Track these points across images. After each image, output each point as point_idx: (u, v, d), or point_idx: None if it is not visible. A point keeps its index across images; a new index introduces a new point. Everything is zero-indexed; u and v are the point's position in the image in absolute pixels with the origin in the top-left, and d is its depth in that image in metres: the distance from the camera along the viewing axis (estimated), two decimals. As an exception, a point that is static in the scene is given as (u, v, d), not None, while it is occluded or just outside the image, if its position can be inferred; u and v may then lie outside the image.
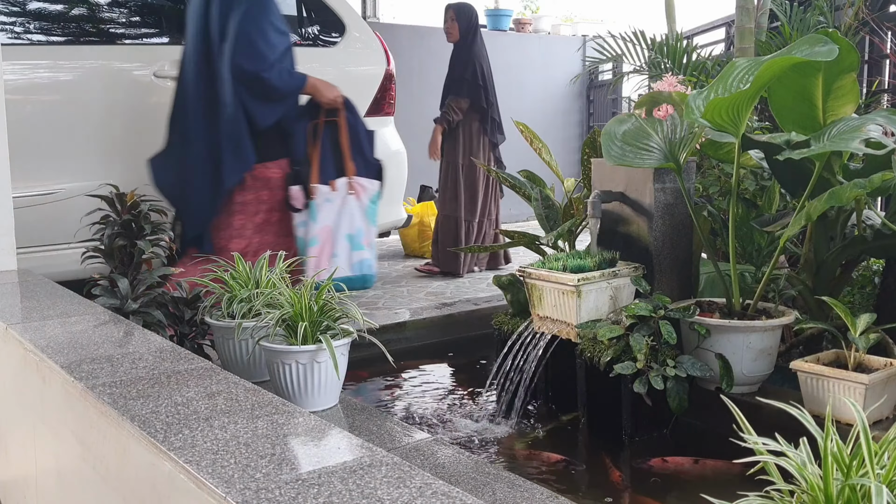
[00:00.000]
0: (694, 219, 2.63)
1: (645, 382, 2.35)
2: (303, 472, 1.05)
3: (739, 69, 2.22)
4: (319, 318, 2.15)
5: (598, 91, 8.96)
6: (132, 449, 1.25)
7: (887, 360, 2.17)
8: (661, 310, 2.44)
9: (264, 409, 1.32)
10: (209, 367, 1.59)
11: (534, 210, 3.19)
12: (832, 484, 1.11)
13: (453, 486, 1.00)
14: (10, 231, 2.84)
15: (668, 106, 2.72)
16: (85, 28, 3.72)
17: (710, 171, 3.03)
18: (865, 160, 2.36)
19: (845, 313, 2.18)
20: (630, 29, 4.78)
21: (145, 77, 3.60)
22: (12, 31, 3.47)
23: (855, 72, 2.28)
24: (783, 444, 1.19)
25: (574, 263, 2.62)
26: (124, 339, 1.82)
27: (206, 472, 1.05)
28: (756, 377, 2.41)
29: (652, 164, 2.55)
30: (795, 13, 4.28)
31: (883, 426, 2.12)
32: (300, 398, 2.13)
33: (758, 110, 3.58)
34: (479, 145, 4.95)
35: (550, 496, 1.70)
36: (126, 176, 3.45)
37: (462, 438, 2.56)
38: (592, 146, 3.17)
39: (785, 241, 2.35)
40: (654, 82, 4.40)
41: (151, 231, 2.53)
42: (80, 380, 1.47)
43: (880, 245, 2.44)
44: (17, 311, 2.16)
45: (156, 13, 3.96)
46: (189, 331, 2.54)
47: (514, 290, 3.03)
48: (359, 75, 4.20)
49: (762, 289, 2.47)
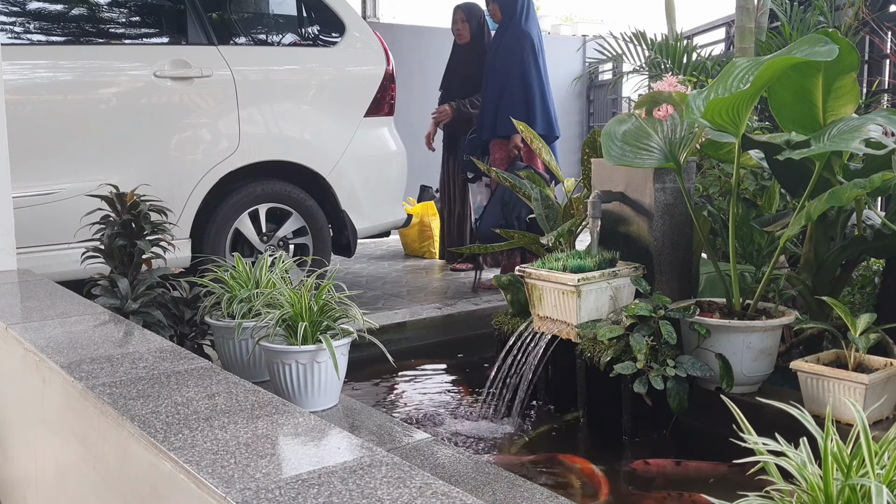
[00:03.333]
0: (694, 219, 2.63)
1: (645, 382, 2.35)
2: (303, 472, 1.05)
3: (739, 69, 2.22)
4: (319, 318, 2.15)
5: (598, 91, 8.96)
6: (132, 449, 1.25)
7: (887, 360, 2.17)
8: (661, 310, 2.44)
9: (264, 409, 1.32)
10: (209, 367, 1.58)
11: (534, 210, 3.19)
12: (832, 484, 1.11)
13: (453, 486, 1.00)
14: (10, 231, 2.84)
15: (668, 106, 2.72)
16: (85, 28, 3.72)
17: (710, 171, 3.03)
18: (865, 160, 2.36)
19: (845, 313, 2.18)
20: (630, 29, 4.79)
21: (145, 77, 3.60)
22: (12, 31, 3.47)
23: (855, 72, 2.28)
24: (783, 444, 1.19)
25: (574, 263, 2.62)
26: (124, 339, 1.82)
27: (206, 472, 1.05)
28: (756, 377, 2.41)
29: (652, 164, 2.55)
30: (795, 13, 4.29)
31: (883, 426, 2.12)
32: (300, 398, 2.13)
33: (758, 110, 3.58)
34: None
35: (550, 496, 1.70)
36: (126, 176, 3.46)
37: (462, 438, 2.56)
38: (592, 146, 3.17)
39: (785, 241, 2.35)
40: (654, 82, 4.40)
41: (151, 231, 2.53)
42: (80, 380, 1.47)
43: (880, 245, 2.44)
44: (17, 311, 2.16)
45: (156, 13, 3.96)
46: (189, 331, 2.54)
47: (514, 290, 3.03)
48: (359, 75, 4.20)
49: (762, 289, 2.47)
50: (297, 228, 4.01)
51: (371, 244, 6.33)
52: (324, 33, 4.28)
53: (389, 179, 4.32)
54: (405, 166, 4.39)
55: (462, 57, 5.03)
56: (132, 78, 3.60)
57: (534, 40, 4.39)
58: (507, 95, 4.36)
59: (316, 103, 4.06)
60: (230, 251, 3.80)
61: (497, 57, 4.48)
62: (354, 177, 4.12)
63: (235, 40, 3.99)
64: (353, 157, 4.10)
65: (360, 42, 4.24)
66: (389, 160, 4.32)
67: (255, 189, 3.87)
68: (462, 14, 4.98)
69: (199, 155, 3.73)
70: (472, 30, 4.97)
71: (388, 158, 4.31)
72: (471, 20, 4.97)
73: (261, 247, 3.90)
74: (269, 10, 4.53)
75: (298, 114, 4.01)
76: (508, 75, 4.37)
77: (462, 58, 5.03)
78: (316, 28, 4.35)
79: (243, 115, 3.81)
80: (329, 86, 4.12)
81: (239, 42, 4.01)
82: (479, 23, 4.98)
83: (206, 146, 3.75)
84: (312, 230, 4.02)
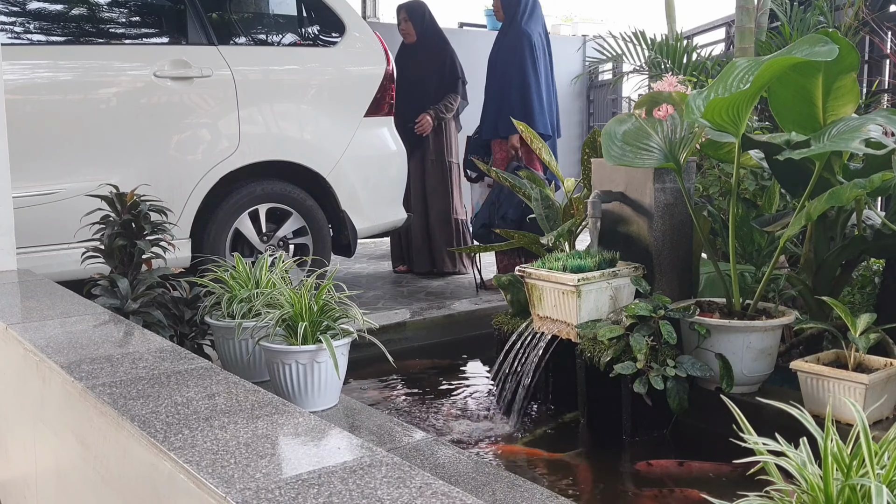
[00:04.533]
0: (694, 219, 2.63)
1: (645, 382, 2.35)
2: (303, 472, 1.05)
3: (739, 69, 2.22)
4: (319, 318, 2.15)
5: (598, 91, 8.96)
6: (132, 449, 1.25)
7: (887, 360, 2.17)
8: (661, 310, 2.43)
9: (264, 409, 1.32)
10: (209, 367, 1.58)
11: (534, 210, 3.19)
12: (832, 484, 1.11)
13: (453, 486, 1.00)
14: (10, 231, 2.83)
15: (668, 106, 2.72)
16: (85, 28, 3.72)
17: (710, 171, 3.03)
18: (865, 160, 2.36)
19: (845, 313, 2.18)
20: (630, 29, 4.79)
21: (145, 77, 3.60)
22: (12, 31, 3.47)
23: (855, 72, 2.28)
24: (783, 444, 1.19)
25: (574, 263, 2.62)
26: (124, 339, 1.82)
27: (206, 472, 1.05)
28: (756, 377, 2.41)
29: (652, 164, 2.55)
30: (795, 13, 4.29)
31: (883, 426, 2.12)
32: (300, 398, 2.13)
33: (758, 110, 3.58)
34: (457, 141, 4.94)
35: (550, 496, 1.70)
36: (126, 176, 3.46)
37: (462, 438, 2.56)
38: (592, 146, 3.17)
39: (785, 241, 2.35)
40: (654, 82, 4.40)
41: (151, 231, 2.53)
42: (80, 380, 1.47)
43: (880, 245, 2.44)
44: (17, 311, 2.15)
45: (156, 13, 3.96)
46: (189, 331, 2.54)
47: (514, 290, 3.03)
48: (359, 75, 4.20)
49: (762, 289, 2.47)
50: (297, 228, 4.01)
51: (371, 244, 6.33)
52: (324, 33, 4.28)
53: (389, 179, 4.32)
54: (405, 166, 4.39)
55: (412, 57, 4.91)
56: (132, 78, 3.60)
57: (533, 40, 4.37)
58: (506, 95, 4.36)
59: (316, 103, 4.06)
60: (230, 251, 3.80)
61: (498, 56, 4.47)
62: (354, 177, 4.12)
63: (235, 40, 3.99)
64: (353, 157, 4.10)
65: (360, 42, 4.24)
66: (389, 160, 4.31)
67: (255, 189, 3.87)
68: (404, 13, 4.89)
69: (199, 155, 3.73)
70: (416, 27, 4.87)
71: (387, 158, 4.31)
72: (413, 18, 4.87)
73: (261, 247, 3.90)
74: (269, 10, 4.53)
75: (298, 114, 4.01)
76: (508, 75, 4.36)
77: (412, 58, 4.91)
78: (316, 28, 4.35)
79: (243, 115, 3.81)
80: (329, 86, 4.12)
81: (239, 42, 4.01)
82: (422, 20, 4.88)
83: (206, 146, 3.75)
84: (312, 230, 4.02)
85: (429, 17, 4.93)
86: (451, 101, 4.83)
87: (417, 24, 4.88)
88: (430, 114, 4.79)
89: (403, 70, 4.84)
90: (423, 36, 4.90)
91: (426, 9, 4.94)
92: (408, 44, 4.96)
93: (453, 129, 4.97)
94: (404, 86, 4.86)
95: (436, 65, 4.86)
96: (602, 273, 2.60)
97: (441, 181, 4.90)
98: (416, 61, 4.89)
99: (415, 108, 4.83)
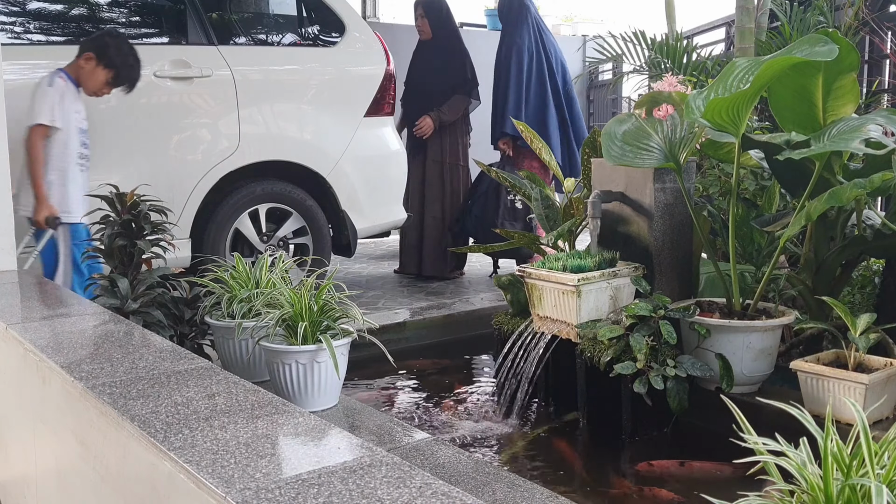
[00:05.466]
0: (694, 219, 2.63)
1: (645, 382, 2.35)
2: (303, 472, 1.05)
3: (739, 69, 2.22)
4: (319, 318, 2.15)
5: (599, 91, 8.96)
6: (132, 449, 1.25)
7: (887, 360, 2.17)
8: (661, 310, 2.43)
9: (264, 409, 1.32)
10: (209, 367, 1.58)
11: (534, 210, 3.19)
12: (832, 484, 1.11)
13: (453, 486, 1.00)
14: (10, 231, 2.83)
15: (668, 106, 2.72)
16: (85, 28, 3.72)
17: (710, 171, 3.03)
18: (865, 160, 2.36)
19: (845, 313, 2.18)
20: (630, 29, 4.79)
21: (145, 77, 3.60)
22: (12, 31, 3.47)
23: (855, 72, 2.28)
24: (783, 444, 1.19)
25: (574, 263, 2.62)
26: (124, 339, 1.82)
27: (206, 472, 1.05)
28: (756, 377, 2.41)
29: (652, 164, 2.55)
30: (795, 13, 4.29)
31: (883, 426, 2.12)
32: (300, 398, 2.13)
33: (758, 110, 3.58)
34: (465, 144, 4.93)
35: (550, 496, 1.70)
36: (126, 176, 3.46)
37: (462, 438, 2.56)
38: (592, 146, 3.16)
39: (785, 241, 2.35)
40: (654, 82, 4.40)
41: (151, 231, 2.53)
42: (80, 380, 1.47)
43: (880, 245, 2.44)
44: (17, 311, 2.15)
45: (156, 13, 3.96)
46: (189, 331, 2.54)
47: (514, 290, 3.03)
48: (359, 75, 4.20)
49: (762, 289, 2.47)
50: (297, 228, 4.01)
51: (371, 244, 6.33)
52: (324, 33, 4.28)
53: (389, 179, 4.32)
54: (405, 166, 4.39)
55: (426, 54, 4.89)
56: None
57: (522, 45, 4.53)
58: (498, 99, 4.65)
59: (316, 103, 4.06)
60: (230, 251, 3.80)
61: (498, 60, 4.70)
62: (354, 177, 4.11)
63: (235, 40, 3.99)
64: (353, 157, 4.10)
65: (361, 42, 4.24)
66: (389, 160, 4.31)
67: (255, 189, 3.87)
68: (421, 9, 4.84)
69: (199, 155, 3.73)
70: (431, 24, 4.82)
71: (388, 158, 4.31)
72: (430, 15, 4.82)
73: (261, 247, 3.90)
74: (269, 10, 4.53)
75: (298, 114, 4.01)
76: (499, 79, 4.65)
77: (426, 55, 4.88)
78: (316, 28, 4.35)
79: (243, 115, 3.81)
80: (329, 86, 4.12)
81: (239, 42, 4.01)
82: (438, 17, 4.83)
83: (206, 146, 3.75)
84: (312, 230, 4.02)
85: (445, 15, 4.89)
86: (457, 102, 4.77)
87: (433, 21, 4.83)
88: (431, 116, 4.74)
89: (419, 67, 4.87)
90: (439, 34, 4.86)
91: (444, 6, 4.88)
92: (423, 40, 4.92)
93: (459, 131, 4.88)
94: (415, 82, 4.89)
95: (447, 64, 4.83)
96: (602, 273, 2.60)
97: (438, 184, 4.84)
98: (428, 58, 4.88)
99: (422, 107, 4.82)
